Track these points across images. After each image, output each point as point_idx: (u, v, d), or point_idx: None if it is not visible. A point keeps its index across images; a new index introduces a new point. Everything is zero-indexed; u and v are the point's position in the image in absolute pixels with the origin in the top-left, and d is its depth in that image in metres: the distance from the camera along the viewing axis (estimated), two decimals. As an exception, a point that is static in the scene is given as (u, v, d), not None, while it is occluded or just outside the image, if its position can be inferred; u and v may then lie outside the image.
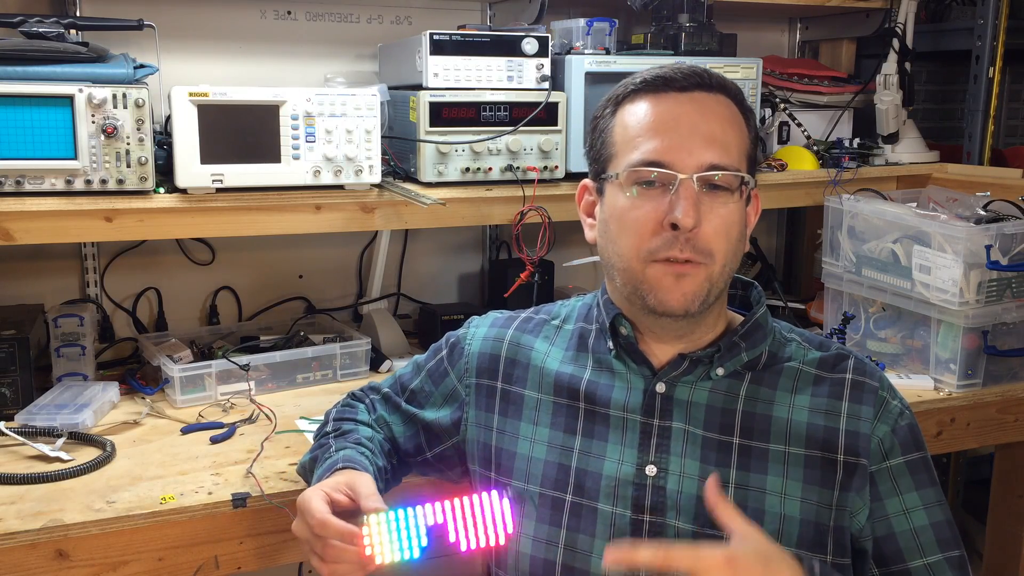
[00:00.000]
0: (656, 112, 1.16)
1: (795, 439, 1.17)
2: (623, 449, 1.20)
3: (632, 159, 1.16)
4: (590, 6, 2.32)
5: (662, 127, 1.15)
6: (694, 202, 1.12)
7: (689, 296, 1.14)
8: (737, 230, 1.17)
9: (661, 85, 1.18)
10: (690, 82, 1.17)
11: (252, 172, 1.72)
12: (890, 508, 1.17)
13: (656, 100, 1.17)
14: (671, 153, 1.14)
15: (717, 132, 1.15)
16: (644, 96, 1.18)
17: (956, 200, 2.10)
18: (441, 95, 1.86)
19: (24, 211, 1.59)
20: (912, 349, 1.97)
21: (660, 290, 1.15)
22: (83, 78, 1.61)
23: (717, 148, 1.14)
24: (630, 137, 1.17)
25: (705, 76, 1.18)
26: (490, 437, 1.29)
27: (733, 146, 1.16)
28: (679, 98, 1.17)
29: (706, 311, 1.18)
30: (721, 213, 1.14)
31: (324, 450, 1.29)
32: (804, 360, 1.22)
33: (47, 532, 1.29)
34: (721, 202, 1.14)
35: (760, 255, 2.71)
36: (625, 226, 1.17)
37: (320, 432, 1.37)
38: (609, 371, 1.24)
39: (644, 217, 1.14)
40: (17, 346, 1.70)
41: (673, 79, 1.17)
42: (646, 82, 1.19)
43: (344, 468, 1.20)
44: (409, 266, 2.43)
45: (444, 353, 1.38)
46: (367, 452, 1.27)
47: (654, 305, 1.16)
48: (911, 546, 1.17)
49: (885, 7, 2.43)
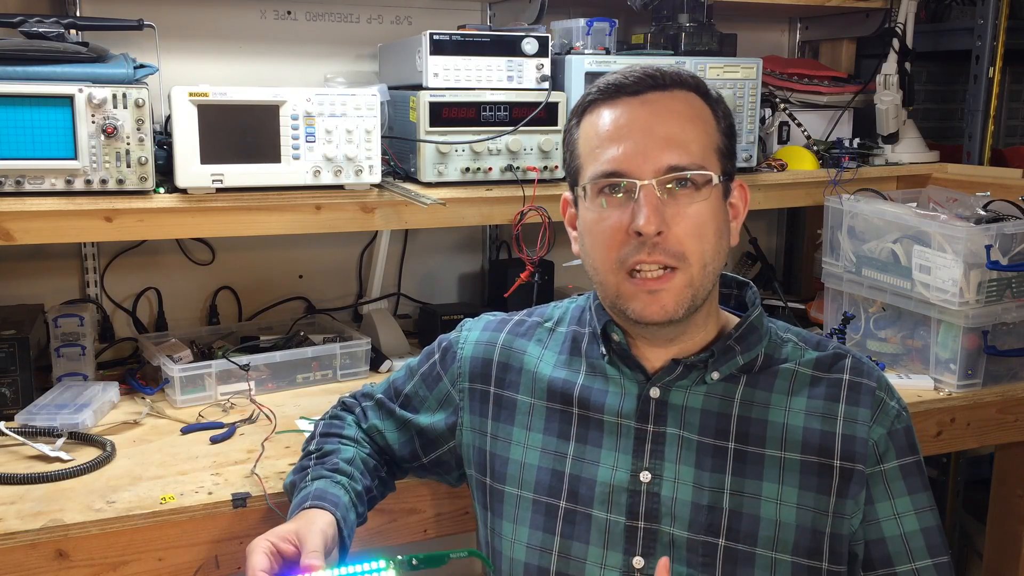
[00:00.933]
0: (611, 120, 1.15)
1: (791, 444, 1.16)
2: (617, 455, 1.19)
3: (594, 171, 1.15)
4: (590, 6, 2.32)
5: (617, 135, 1.14)
6: (655, 208, 1.11)
7: (669, 308, 1.13)
8: (712, 227, 1.15)
9: (613, 92, 1.16)
10: (642, 85, 1.16)
11: (252, 172, 1.72)
12: (881, 512, 1.16)
13: (611, 108, 1.16)
14: (628, 160, 1.13)
15: (675, 132, 1.14)
16: (601, 105, 1.17)
17: (956, 200, 2.10)
18: (441, 95, 1.86)
19: (24, 211, 1.59)
20: (912, 349, 1.97)
21: (637, 304, 1.14)
22: (83, 78, 1.61)
23: (675, 149, 1.12)
24: (591, 148, 1.17)
25: (658, 76, 1.16)
26: (484, 442, 1.29)
27: (694, 143, 1.14)
28: (631, 103, 1.15)
29: (694, 314, 1.17)
30: (690, 213, 1.13)
31: (302, 477, 1.27)
32: (800, 361, 1.21)
33: (47, 532, 1.29)
34: (687, 202, 1.13)
35: (760, 255, 2.71)
36: (596, 238, 1.17)
37: (305, 449, 1.36)
38: (603, 376, 1.24)
39: (611, 228, 1.14)
40: (17, 346, 1.70)
41: (624, 84, 1.16)
42: (600, 90, 1.18)
43: (311, 506, 1.18)
44: (409, 266, 2.43)
45: (437, 357, 1.37)
46: (344, 479, 1.25)
47: (635, 317, 1.15)
48: (900, 551, 1.16)
49: (885, 7, 2.43)
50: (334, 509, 1.19)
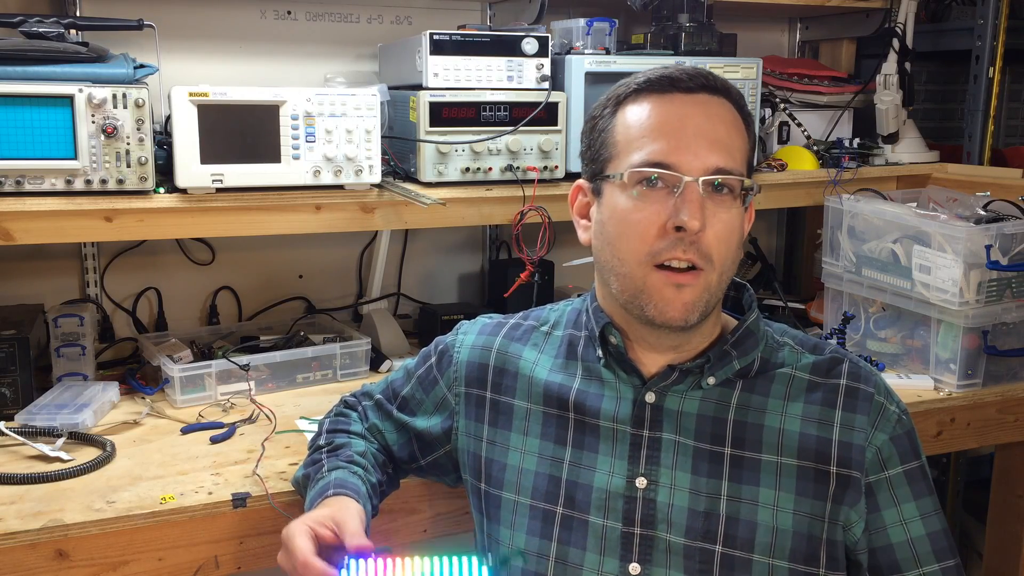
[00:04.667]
0: (661, 112, 1.14)
1: (787, 450, 1.15)
2: (613, 461, 1.18)
3: (635, 159, 1.13)
4: (590, 6, 2.32)
5: (667, 128, 1.13)
6: (700, 205, 1.10)
7: (689, 306, 1.12)
8: (737, 237, 1.15)
9: (667, 85, 1.15)
10: (696, 83, 1.15)
11: (252, 172, 1.72)
12: (887, 519, 1.16)
13: (660, 100, 1.15)
14: (677, 155, 1.12)
15: (723, 135, 1.14)
16: (647, 96, 1.16)
17: (956, 200, 2.10)
18: (441, 95, 1.86)
19: (24, 211, 1.59)
20: (912, 349, 1.97)
21: (661, 300, 1.12)
22: (83, 78, 1.61)
23: (723, 152, 1.12)
24: (633, 137, 1.15)
25: (710, 78, 1.16)
26: (480, 448, 1.28)
27: (738, 151, 1.15)
28: (684, 99, 1.14)
29: (703, 321, 1.16)
30: (724, 218, 1.13)
31: (316, 468, 1.27)
32: (797, 366, 1.20)
33: (47, 532, 1.29)
34: (724, 207, 1.13)
35: (760, 255, 2.71)
36: (627, 228, 1.14)
37: (313, 445, 1.35)
38: (598, 380, 1.22)
39: (647, 220, 1.12)
40: (17, 346, 1.70)
41: (679, 79, 1.15)
42: (650, 81, 1.16)
43: (335, 494, 1.18)
44: (409, 266, 2.43)
45: (433, 360, 1.36)
46: (360, 470, 1.26)
47: (653, 316, 1.13)
48: (907, 557, 1.15)
49: (885, 7, 2.43)
50: (357, 497, 1.18)
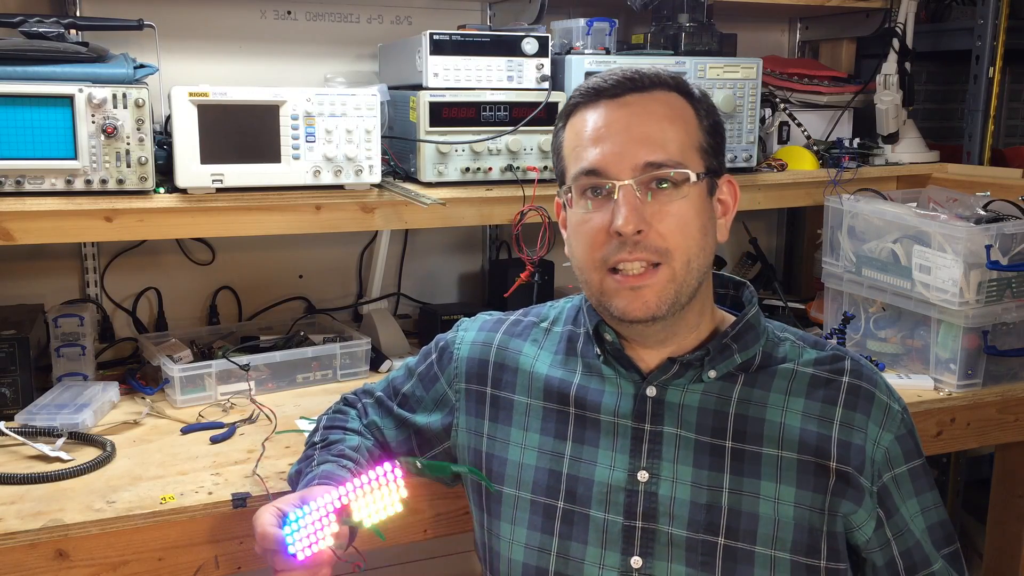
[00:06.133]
0: (590, 122, 1.18)
1: (788, 443, 1.16)
2: (614, 455, 1.19)
3: (574, 171, 1.18)
4: (590, 6, 2.32)
5: (596, 136, 1.17)
6: (633, 207, 1.12)
7: (652, 304, 1.14)
8: (696, 224, 1.16)
9: (593, 96, 1.19)
10: (621, 88, 1.18)
11: (252, 172, 1.72)
12: (907, 516, 1.18)
13: (591, 111, 1.19)
14: (606, 160, 1.15)
15: (652, 131, 1.15)
16: (583, 108, 1.20)
17: (956, 200, 2.10)
18: (441, 95, 1.86)
19: (24, 211, 1.59)
20: (912, 349, 1.97)
21: (621, 301, 1.15)
22: (83, 78, 1.61)
23: (651, 146, 1.14)
24: (573, 150, 1.20)
25: (636, 78, 1.18)
26: (481, 443, 1.29)
27: (672, 142, 1.15)
28: (610, 105, 1.17)
29: (682, 311, 1.17)
30: (673, 210, 1.14)
31: (308, 464, 1.29)
32: (799, 360, 1.21)
33: (47, 532, 1.29)
34: (668, 200, 1.14)
35: (760, 255, 2.72)
36: (580, 237, 1.19)
37: (309, 441, 1.37)
38: (599, 376, 1.24)
39: (594, 227, 1.16)
40: (17, 346, 1.70)
41: (602, 88, 1.18)
42: (581, 94, 1.20)
43: (317, 485, 1.20)
44: (409, 266, 2.43)
45: (434, 357, 1.38)
46: (350, 463, 1.27)
47: (620, 315, 1.16)
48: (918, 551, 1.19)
49: (885, 7, 2.43)
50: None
